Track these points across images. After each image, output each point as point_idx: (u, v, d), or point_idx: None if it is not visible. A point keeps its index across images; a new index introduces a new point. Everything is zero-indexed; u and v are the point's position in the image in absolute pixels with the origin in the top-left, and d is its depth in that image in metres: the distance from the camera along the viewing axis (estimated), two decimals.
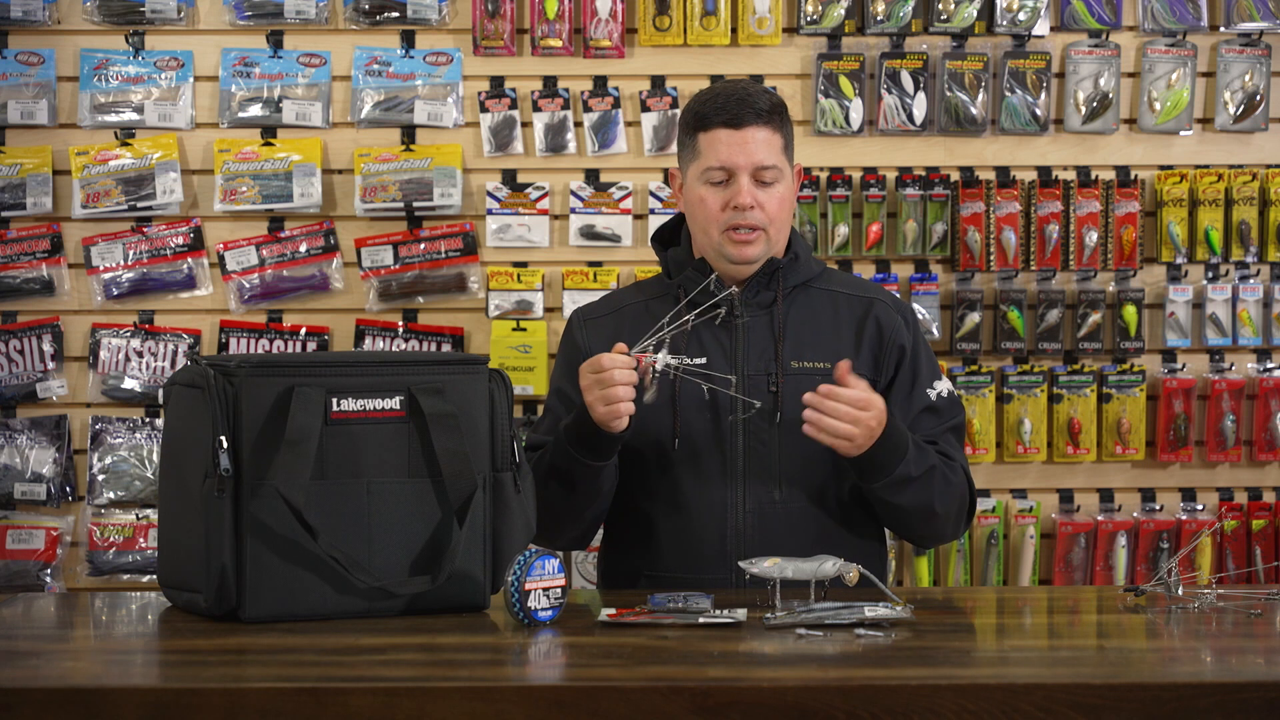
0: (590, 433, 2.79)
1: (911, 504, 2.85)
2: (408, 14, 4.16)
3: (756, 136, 2.88)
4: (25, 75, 4.17)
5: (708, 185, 2.90)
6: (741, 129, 2.87)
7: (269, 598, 2.47)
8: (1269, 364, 4.23)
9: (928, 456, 2.86)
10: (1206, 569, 4.15)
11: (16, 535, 4.15)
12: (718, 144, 2.88)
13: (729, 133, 2.87)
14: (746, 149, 2.87)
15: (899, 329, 2.97)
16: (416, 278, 4.18)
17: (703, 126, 2.89)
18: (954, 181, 4.19)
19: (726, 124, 2.87)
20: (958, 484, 2.91)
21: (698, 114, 2.91)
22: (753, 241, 2.89)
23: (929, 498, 2.85)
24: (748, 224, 2.88)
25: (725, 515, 2.88)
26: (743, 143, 2.87)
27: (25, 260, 4.17)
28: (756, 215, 2.88)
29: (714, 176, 2.89)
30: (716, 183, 2.89)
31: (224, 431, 2.47)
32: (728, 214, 2.88)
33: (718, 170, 2.88)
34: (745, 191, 2.87)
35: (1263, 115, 4.22)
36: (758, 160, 2.87)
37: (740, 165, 2.87)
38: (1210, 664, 2.29)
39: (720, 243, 2.90)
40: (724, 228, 2.89)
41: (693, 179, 2.92)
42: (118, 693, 2.09)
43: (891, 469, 2.79)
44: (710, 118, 2.89)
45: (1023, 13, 4.17)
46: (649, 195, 4.18)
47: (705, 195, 2.90)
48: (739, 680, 2.12)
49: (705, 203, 2.90)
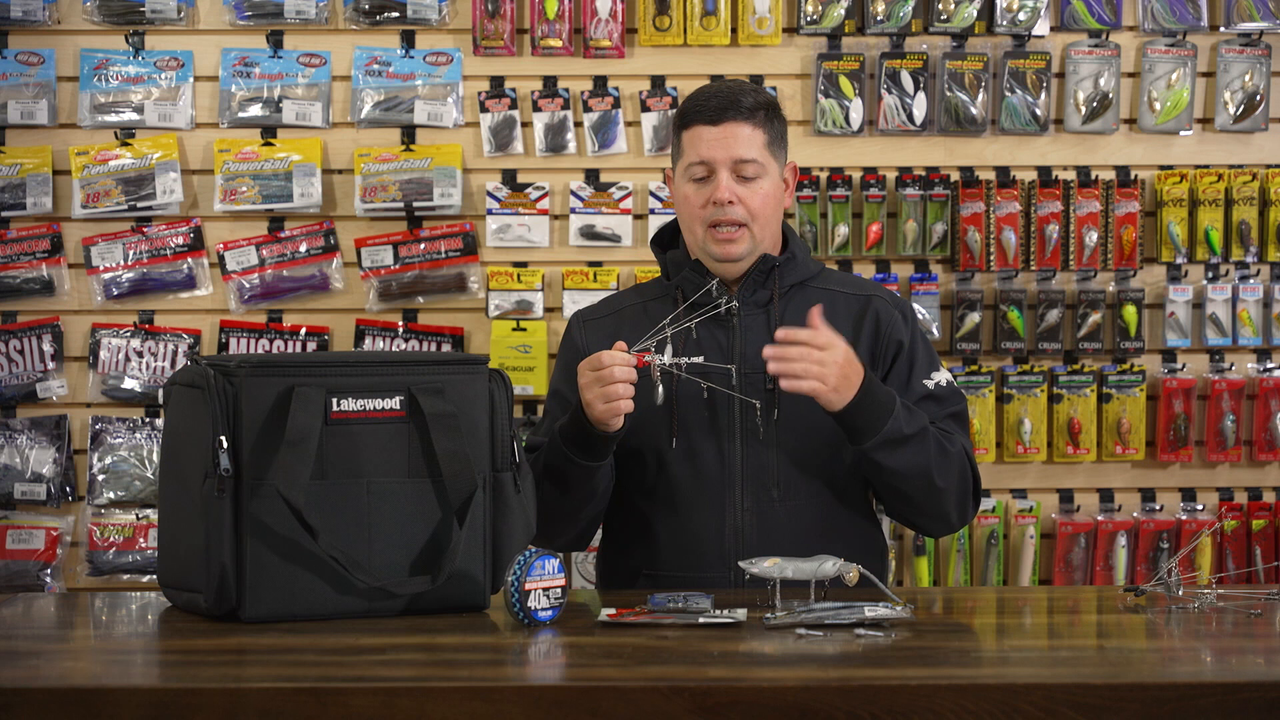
0: (585, 432, 2.78)
1: (908, 468, 2.81)
2: (408, 14, 4.16)
3: (737, 132, 2.89)
4: (25, 75, 4.16)
5: (691, 182, 2.91)
6: (720, 124, 2.89)
7: (269, 598, 2.47)
8: (1269, 364, 4.23)
9: (919, 418, 2.83)
10: (1206, 569, 4.15)
11: (16, 535, 4.15)
12: (698, 140, 2.90)
13: (708, 129, 2.89)
14: (725, 143, 2.88)
15: (896, 324, 2.96)
16: (416, 278, 4.18)
17: (685, 124, 2.92)
18: (954, 181, 4.19)
19: (707, 121, 2.89)
20: (956, 455, 2.87)
21: (682, 113, 2.94)
22: (735, 240, 2.89)
23: (925, 461, 2.81)
24: (729, 220, 2.88)
25: (724, 514, 2.88)
26: (720, 138, 2.88)
27: (25, 260, 4.17)
28: (737, 211, 2.88)
29: (696, 173, 2.90)
30: (698, 179, 2.90)
31: (224, 431, 2.47)
32: (709, 210, 2.89)
33: (699, 166, 2.90)
34: (724, 187, 2.87)
35: (1263, 115, 4.22)
36: (736, 154, 2.88)
37: (719, 160, 2.88)
38: (1210, 664, 2.29)
39: (704, 240, 2.91)
40: (706, 224, 2.90)
41: (678, 178, 2.94)
42: (118, 693, 2.09)
43: (880, 424, 2.76)
44: (692, 116, 2.91)
45: (1023, 13, 4.17)
46: (649, 195, 4.18)
47: (689, 192, 2.91)
48: (739, 680, 2.12)
49: (688, 200, 2.92)
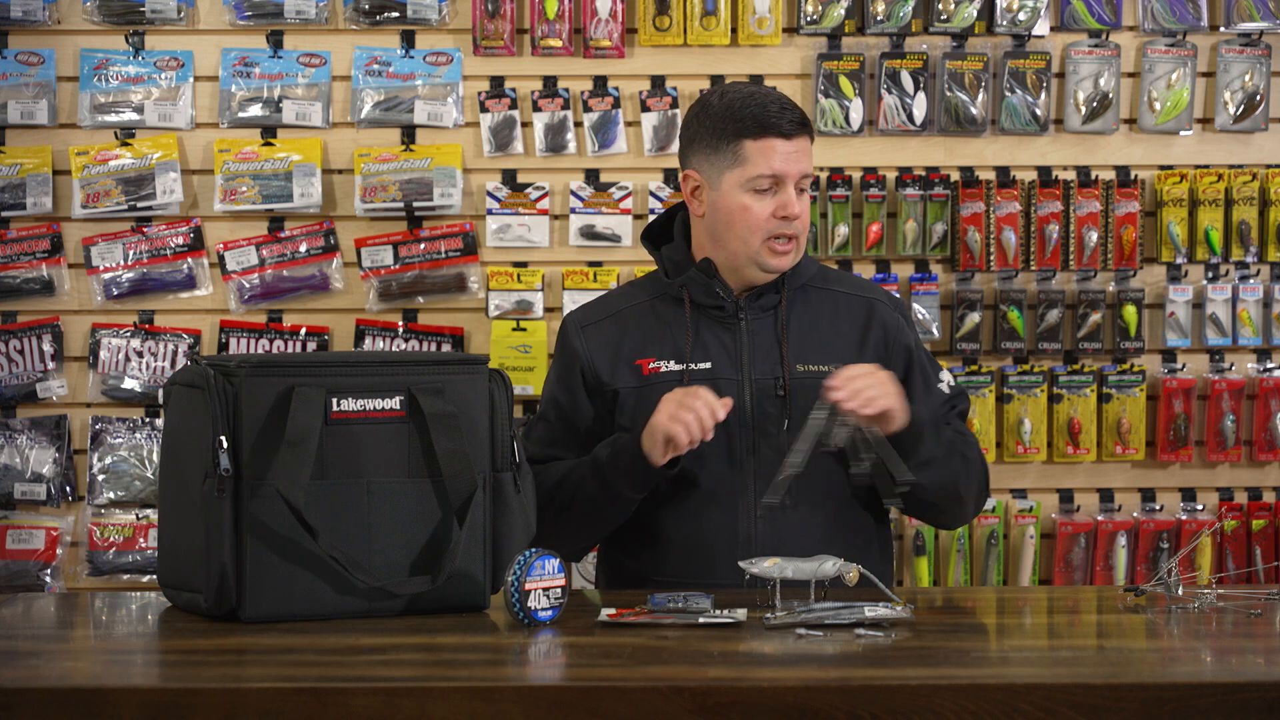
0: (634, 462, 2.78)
1: (936, 483, 2.84)
2: (408, 14, 4.16)
3: (806, 147, 2.89)
4: (25, 75, 4.16)
5: (752, 193, 2.86)
6: (793, 139, 2.86)
7: (269, 598, 2.47)
8: (1269, 364, 4.23)
9: (945, 434, 2.88)
10: (1206, 569, 4.15)
11: (16, 535, 4.15)
12: (770, 153, 2.85)
13: (782, 142, 2.85)
14: (797, 158, 2.86)
15: (901, 329, 2.97)
16: (416, 278, 4.18)
17: (753, 134, 2.85)
18: (954, 181, 4.19)
19: (781, 134, 2.85)
20: (975, 460, 2.92)
21: (744, 119, 2.86)
22: (789, 252, 2.89)
23: (953, 477, 2.86)
24: (789, 233, 2.87)
25: (736, 520, 2.87)
26: (794, 152, 2.86)
27: (25, 260, 4.17)
28: (798, 225, 2.88)
29: (761, 184, 2.86)
30: (761, 190, 2.86)
31: (224, 431, 2.47)
32: (773, 223, 2.86)
33: (767, 178, 2.86)
34: (795, 201, 2.86)
35: (1263, 115, 4.22)
36: (805, 170, 2.88)
37: (790, 174, 2.86)
38: (1210, 664, 2.29)
39: (759, 251, 2.87)
40: (766, 237, 2.87)
41: (732, 186, 2.87)
42: (118, 693, 2.09)
43: (917, 449, 2.79)
44: (764, 127, 2.85)
45: (1023, 13, 4.16)
46: (649, 195, 4.18)
47: (749, 203, 2.86)
48: (739, 680, 2.12)
49: (749, 211, 2.86)
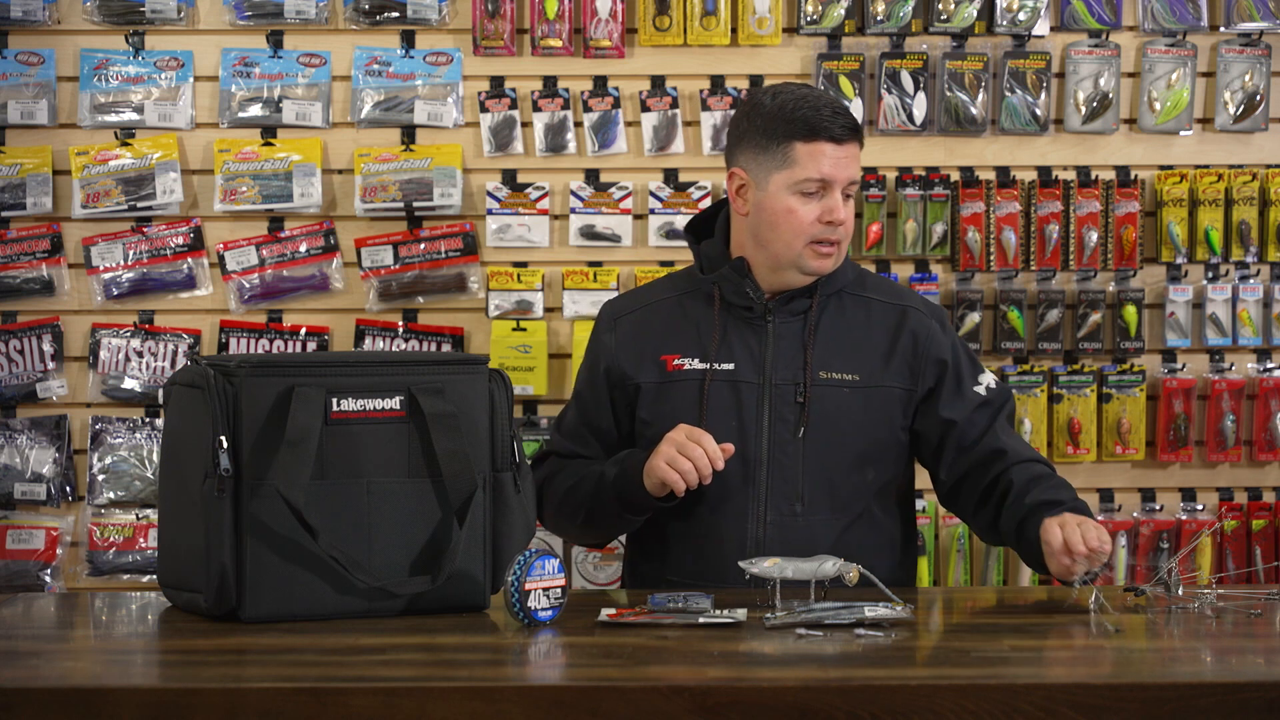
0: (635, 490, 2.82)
1: None
2: (408, 14, 4.16)
3: (856, 153, 2.88)
4: (25, 75, 4.16)
5: (799, 196, 2.85)
6: (844, 144, 2.85)
7: (269, 598, 2.47)
8: (1269, 364, 4.23)
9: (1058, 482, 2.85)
10: (1206, 569, 4.15)
11: (16, 535, 4.15)
12: (820, 156, 2.84)
13: (833, 147, 2.84)
14: (846, 164, 2.86)
15: (935, 339, 2.95)
16: (416, 278, 4.18)
17: (804, 136, 2.84)
18: (954, 181, 4.19)
19: (833, 139, 2.84)
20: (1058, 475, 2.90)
21: (800, 121, 2.84)
22: (831, 255, 2.88)
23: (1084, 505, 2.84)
24: (833, 239, 2.87)
25: (745, 526, 2.87)
26: (844, 158, 2.85)
27: (25, 260, 4.17)
28: (842, 230, 2.88)
29: (809, 188, 2.85)
30: (809, 193, 2.86)
31: (224, 431, 2.47)
32: (818, 228, 2.85)
33: (815, 182, 2.85)
34: (840, 207, 2.86)
35: (1263, 115, 4.21)
36: (854, 175, 2.88)
37: (839, 179, 2.85)
38: (1210, 664, 2.29)
39: (802, 254, 2.87)
40: (809, 240, 2.86)
41: (779, 188, 2.86)
42: (118, 693, 2.09)
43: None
44: (817, 130, 2.84)
45: (1023, 13, 4.16)
46: (649, 195, 4.18)
47: (796, 206, 2.85)
48: (739, 680, 2.12)
49: (795, 214, 2.85)
